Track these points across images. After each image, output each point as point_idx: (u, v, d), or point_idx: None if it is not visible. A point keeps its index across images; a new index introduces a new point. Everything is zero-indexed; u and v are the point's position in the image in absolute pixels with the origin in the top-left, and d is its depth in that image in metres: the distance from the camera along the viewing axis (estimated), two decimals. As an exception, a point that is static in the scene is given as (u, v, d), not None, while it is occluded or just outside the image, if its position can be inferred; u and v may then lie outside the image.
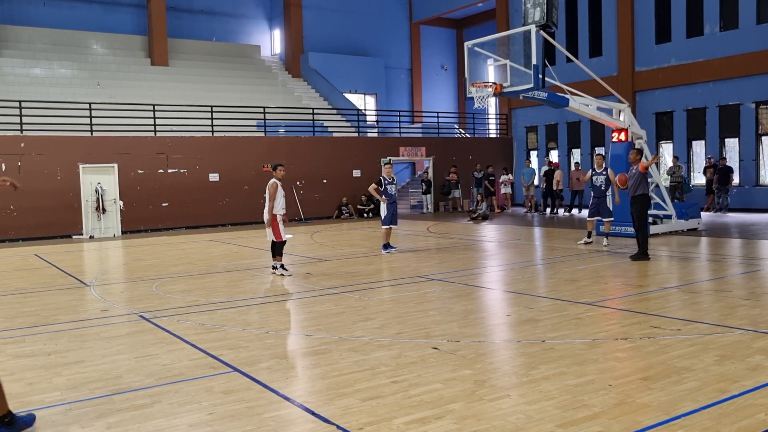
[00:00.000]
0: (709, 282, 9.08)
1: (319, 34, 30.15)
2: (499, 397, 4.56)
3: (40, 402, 4.76)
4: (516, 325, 6.77)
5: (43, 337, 6.77)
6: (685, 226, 15.41)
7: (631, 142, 14.46)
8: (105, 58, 26.25)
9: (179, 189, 20.28)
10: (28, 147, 18.16)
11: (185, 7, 28.99)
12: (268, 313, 8.02)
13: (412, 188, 27.98)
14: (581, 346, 5.79)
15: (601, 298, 8.12)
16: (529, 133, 28.20)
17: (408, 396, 4.63)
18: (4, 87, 21.51)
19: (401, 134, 26.67)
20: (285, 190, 10.97)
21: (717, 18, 21.08)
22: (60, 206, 18.46)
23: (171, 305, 8.32)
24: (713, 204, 20.73)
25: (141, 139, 19.86)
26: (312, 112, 24.64)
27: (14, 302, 8.91)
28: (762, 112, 20.42)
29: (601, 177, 13.32)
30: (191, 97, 23.61)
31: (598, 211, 13.37)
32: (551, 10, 13.41)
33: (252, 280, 10.44)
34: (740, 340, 5.85)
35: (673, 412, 4.17)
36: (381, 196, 13.14)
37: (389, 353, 5.76)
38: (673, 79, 22.24)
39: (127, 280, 10.92)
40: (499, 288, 9.22)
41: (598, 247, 12.94)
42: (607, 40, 24.23)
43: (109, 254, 15.00)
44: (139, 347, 6.25)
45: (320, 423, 4.22)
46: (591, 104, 14.87)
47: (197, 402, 4.65)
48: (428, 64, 33.49)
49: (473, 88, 14.12)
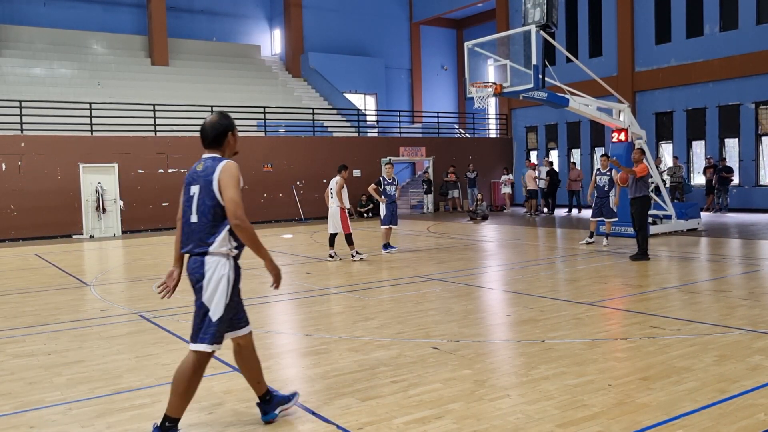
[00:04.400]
0: (709, 282, 9.09)
1: (319, 34, 30.15)
2: (498, 397, 4.56)
3: (40, 402, 4.76)
4: (516, 325, 6.77)
5: (43, 337, 6.77)
6: (685, 226, 15.41)
7: (631, 142, 14.46)
8: (105, 58, 26.26)
9: (179, 189, 20.09)
10: (28, 147, 18.16)
11: (185, 7, 29.00)
12: (268, 313, 8.02)
13: (412, 188, 27.99)
14: (581, 346, 5.79)
15: (600, 298, 8.12)
16: (529, 133, 28.20)
17: (408, 396, 4.63)
18: (4, 87, 21.52)
19: (401, 134, 26.67)
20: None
21: (717, 18, 21.08)
22: (60, 206, 18.47)
23: (171, 305, 8.32)
24: (713, 204, 20.74)
25: (141, 139, 19.86)
26: (312, 112, 24.64)
27: (14, 302, 8.91)
28: (762, 113, 20.42)
29: (605, 177, 13.30)
30: (191, 97, 23.61)
31: (601, 212, 13.37)
32: (551, 10, 13.42)
33: (252, 280, 10.44)
34: (740, 341, 5.85)
35: (672, 412, 4.18)
36: (380, 197, 13.16)
37: (389, 353, 5.76)
38: (672, 79, 22.24)
39: (127, 279, 10.93)
40: (499, 288, 9.22)
41: (598, 247, 12.95)
42: (607, 41, 24.24)
43: (109, 254, 15.00)
44: (139, 347, 6.25)
45: (320, 423, 4.22)
46: (591, 104, 14.88)
47: (197, 402, 4.65)
48: (428, 64, 33.50)
49: (473, 88, 14.13)
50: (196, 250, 3.85)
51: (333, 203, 12.17)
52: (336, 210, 12.14)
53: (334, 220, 12.23)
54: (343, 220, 12.07)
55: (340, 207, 12.07)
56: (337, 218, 12.14)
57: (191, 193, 3.91)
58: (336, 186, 12.01)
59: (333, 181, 12.23)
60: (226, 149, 4.06)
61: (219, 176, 3.83)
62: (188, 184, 3.97)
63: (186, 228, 3.92)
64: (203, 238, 3.83)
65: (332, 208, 12.22)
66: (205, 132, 4.00)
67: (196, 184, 3.90)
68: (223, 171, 3.84)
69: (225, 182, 3.81)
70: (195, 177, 3.93)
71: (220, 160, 3.93)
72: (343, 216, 12.07)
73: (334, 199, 12.13)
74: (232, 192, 3.79)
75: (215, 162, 3.91)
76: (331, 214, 12.27)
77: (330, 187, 12.34)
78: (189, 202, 3.92)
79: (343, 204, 12.09)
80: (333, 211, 12.21)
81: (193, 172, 3.97)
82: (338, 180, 12.04)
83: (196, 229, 3.85)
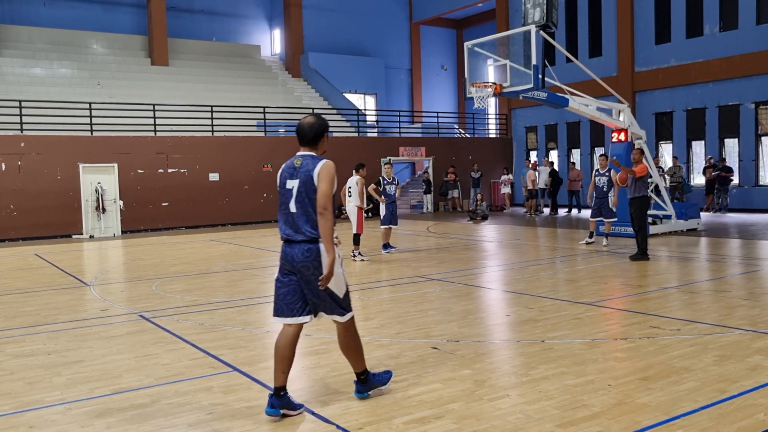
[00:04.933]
0: (709, 282, 9.09)
1: (319, 34, 30.15)
2: (498, 397, 4.56)
3: (40, 401, 4.76)
4: (515, 325, 6.77)
5: (43, 337, 6.77)
6: (685, 226, 15.41)
7: (630, 142, 14.46)
8: (105, 58, 26.26)
9: (179, 189, 20.29)
10: (28, 147, 18.16)
11: (185, 7, 29.00)
12: (268, 313, 8.00)
13: (411, 188, 27.99)
14: (581, 346, 5.79)
15: (600, 298, 8.12)
16: (528, 133, 28.20)
17: (407, 396, 4.63)
18: (4, 87, 21.52)
19: (401, 134, 26.67)
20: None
21: (717, 18, 21.08)
22: (60, 206, 18.46)
23: (171, 305, 8.32)
24: (713, 204, 20.74)
25: (141, 139, 19.86)
26: (312, 112, 24.60)
27: (14, 302, 8.91)
28: (761, 113, 20.43)
29: (604, 177, 13.30)
30: (191, 97, 23.61)
31: (600, 212, 13.37)
32: (551, 10, 13.42)
33: (252, 279, 10.44)
34: (739, 341, 5.85)
35: (672, 412, 4.18)
36: (380, 197, 13.16)
37: (389, 353, 5.76)
38: (672, 79, 22.25)
39: (127, 279, 10.92)
40: (498, 288, 9.22)
41: (597, 248, 12.95)
42: (607, 41, 24.24)
43: (109, 254, 15.00)
44: (138, 347, 6.25)
45: (320, 423, 4.22)
46: (591, 104, 14.87)
47: (197, 402, 4.65)
48: (428, 64, 33.50)
49: (473, 88, 14.13)
50: (298, 237, 4.32)
51: (351, 202, 12.26)
52: (353, 209, 12.21)
53: (351, 218, 12.30)
54: (359, 220, 12.16)
55: (358, 206, 12.14)
56: (354, 217, 12.20)
57: (289, 186, 4.38)
58: (358, 185, 12.13)
59: (352, 181, 12.30)
60: (320, 148, 4.49)
61: (319, 172, 4.29)
62: (285, 178, 4.43)
63: (286, 217, 4.40)
64: (301, 227, 4.31)
65: (350, 206, 12.30)
66: (305, 131, 4.44)
67: (294, 178, 4.36)
68: (323, 168, 4.31)
69: (322, 177, 4.28)
70: (293, 172, 4.39)
71: (318, 158, 4.39)
72: (360, 215, 12.16)
73: (352, 198, 12.22)
74: (325, 185, 4.26)
75: (314, 160, 4.37)
76: (349, 212, 12.37)
77: (348, 186, 12.37)
78: (288, 195, 4.37)
79: (363, 203, 12.21)
80: (350, 210, 12.29)
81: (291, 168, 4.41)
82: (358, 179, 12.17)
83: (295, 218, 4.34)
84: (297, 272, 4.34)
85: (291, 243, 4.35)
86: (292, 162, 4.42)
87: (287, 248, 4.38)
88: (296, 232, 4.32)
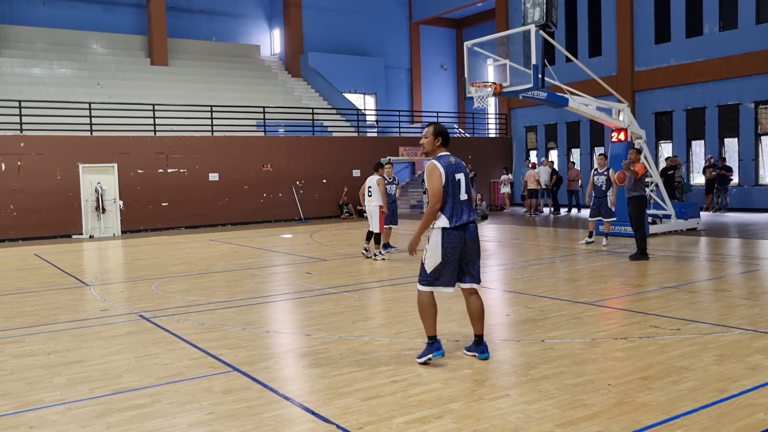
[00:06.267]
0: (709, 282, 9.09)
1: (318, 34, 30.15)
2: (498, 397, 4.56)
3: (40, 401, 4.77)
4: (515, 325, 6.77)
5: (43, 337, 6.77)
6: (685, 225, 15.42)
7: (630, 141, 14.46)
8: (105, 58, 26.25)
9: (179, 189, 20.29)
10: (28, 147, 18.16)
11: (185, 7, 29.00)
12: (268, 312, 8.03)
13: (411, 188, 27.99)
14: (581, 346, 5.80)
15: (600, 297, 8.12)
16: (528, 132, 28.20)
17: (407, 395, 4.64)
18: (4, 87, 21.51)
19: (401, 134, 26.67)
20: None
21: (716, 18, 21.08)
22: (60, 206, 18.46)
23: (171, 305, 8.32)
24: (712, 204, 20.74)
25: (141, 139, 19.86)
26: (312, 112, 24.64)
27: (14, 302, 8.91)
28: (761, 112, 20.43)
29: (603, 177, 13.30)
30: (191, 97, 23.61)
31: (599, 211, 13.37)
32: (551, 10, 13.42)
33: (252, 279, 10.45)
34: (739, 340, 5.85)
35: (672, 412, 4.18)
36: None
37: (389, 353, 5.77)
38: (672, 79, 22.25)
39: (127, 279, 10.93)
40: (498, 288, 9.22)
41: (597, 247, 12.95)
42: (607, 40, 24.24)
43: (109, 254, 15.00)
44: (138, 347, 6.25)
45: (320, 422, 4.22)
46: (590, 104, 14.88)
47: (197, 401, 4.66)
48: (428, 64, 33.50)
49: (473, 88, 14.12)
50: (472, 218, 5.41)
51: (372, 202, 12.31)
52: (374, 208, 12.26)
53: (371, 218, 12.37)
54: (380, 219, 12.23)
55: (379, 206, 12.22)
56: (375, 216, 12.25)
57: (458, 179, 5.34)
58: (379, 185, 12.22)
59: (372, 180, 12.36)
60: None
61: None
62: (453, 172, 5.33)
63: (458, 205, 5.33)
64: (472, 211, 5.47)
65: (370, 206, 12.35)
66: (447, 135, 5.50)
67: (460, 172, 5.39)
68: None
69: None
70: (457, 167, 5.38)
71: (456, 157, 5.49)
72: (381, 215, 12.24)
73: (373, 197, 12.28)
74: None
75: (457, 158, 5.48)
76: (369, 212, 12.41)
77: (368, 186, 12.42)
78: (458, 186, 5.34)
79: (384, 203, 12.29)
80: (371, 209, 12.33)
81: (453, 164, 5.36)
82: (378, 179, 12.29)
83: (467, 205, 5.39)
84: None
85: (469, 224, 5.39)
86: (448, 159, 5.35)
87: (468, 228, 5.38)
88: (470, 216, 5.41)
